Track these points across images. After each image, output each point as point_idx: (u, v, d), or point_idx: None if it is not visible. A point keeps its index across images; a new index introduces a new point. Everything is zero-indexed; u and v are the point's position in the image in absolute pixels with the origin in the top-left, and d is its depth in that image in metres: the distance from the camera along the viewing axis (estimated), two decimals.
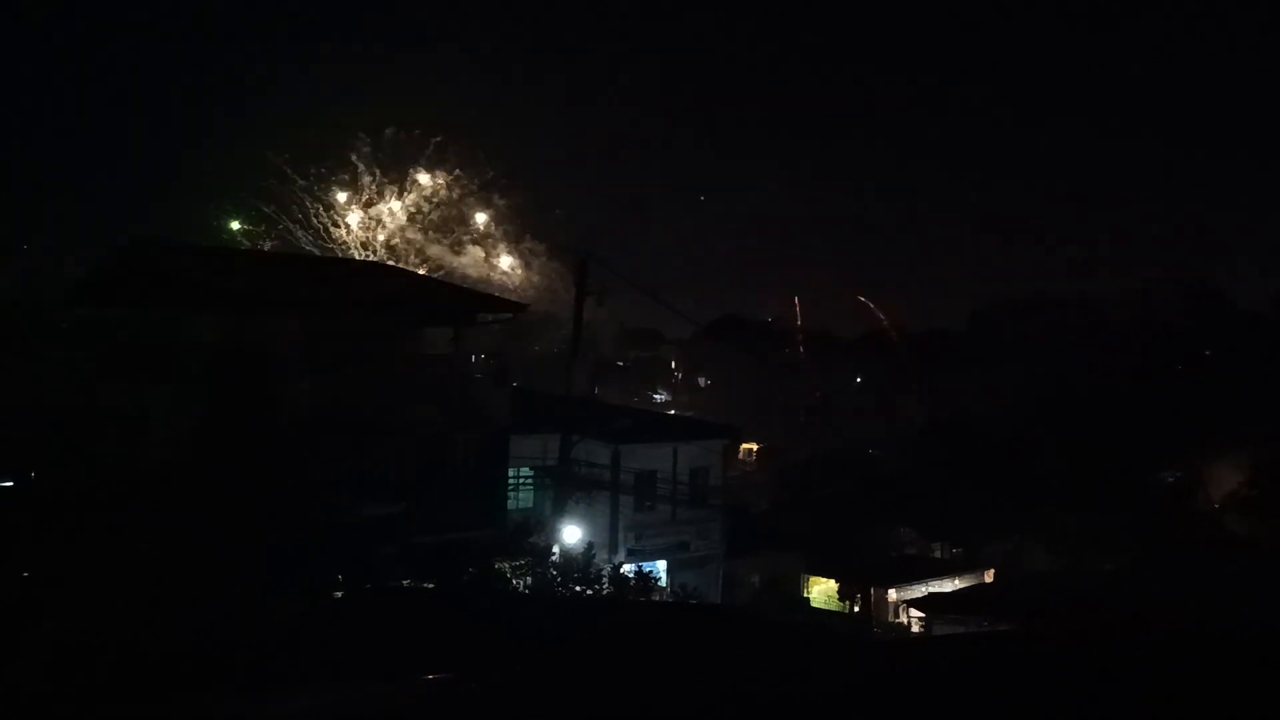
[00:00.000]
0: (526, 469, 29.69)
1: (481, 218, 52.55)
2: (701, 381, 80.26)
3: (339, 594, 18.53)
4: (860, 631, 33.48)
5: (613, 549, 31.18)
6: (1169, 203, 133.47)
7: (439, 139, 51.58)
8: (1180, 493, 42.77)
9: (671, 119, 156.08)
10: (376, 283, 30.56)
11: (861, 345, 76.49)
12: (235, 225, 48.14)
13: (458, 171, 51.84)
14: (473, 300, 31.28)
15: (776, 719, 6.80)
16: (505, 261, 52.85)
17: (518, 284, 51.77)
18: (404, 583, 20.18)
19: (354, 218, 49.69)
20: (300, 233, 47.82)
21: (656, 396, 73.15)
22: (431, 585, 20.12)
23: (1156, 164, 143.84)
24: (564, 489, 28.61)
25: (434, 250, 50.90)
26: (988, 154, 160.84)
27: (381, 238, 50.12)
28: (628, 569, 26.24)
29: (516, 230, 53.26)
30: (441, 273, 48.79)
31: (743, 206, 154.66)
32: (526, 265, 52.83)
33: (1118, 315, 61.00)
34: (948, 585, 37.74)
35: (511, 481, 29.35)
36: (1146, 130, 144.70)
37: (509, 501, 28.96)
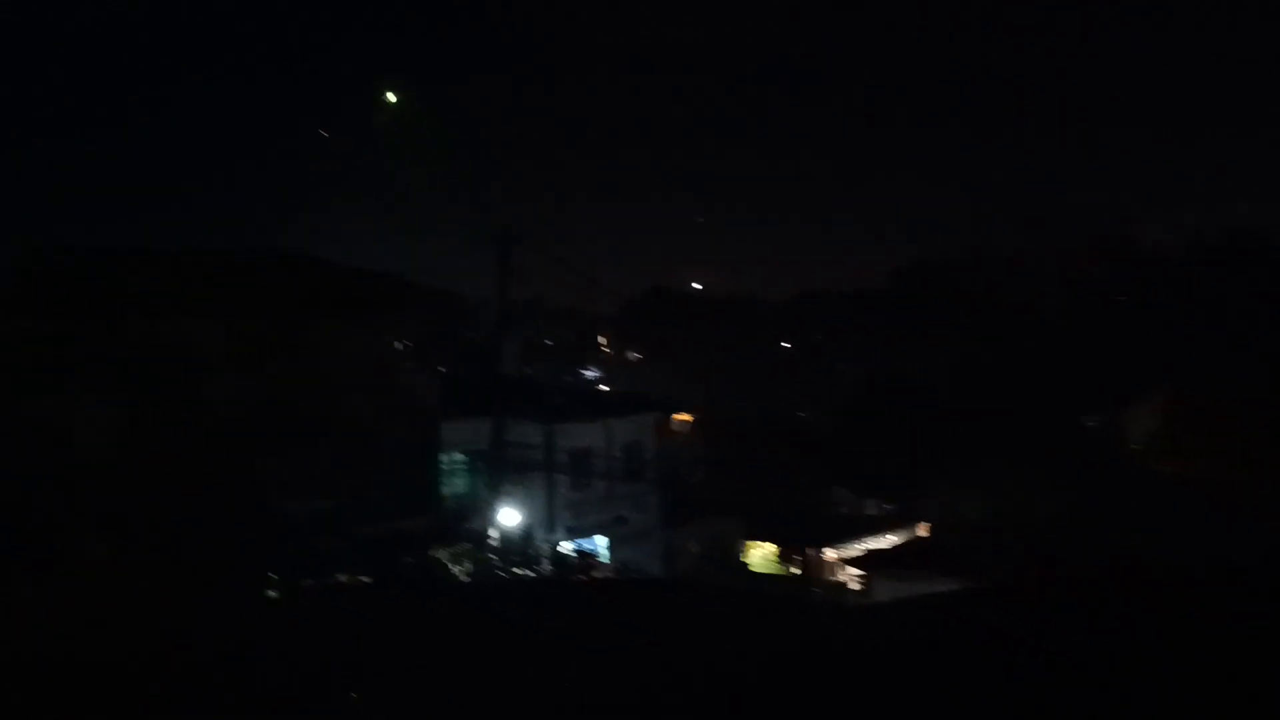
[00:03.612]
0: (460, 454, 29.45)
1: None
2: (632, 356, 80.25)
3: (277, 592, 18.20)
4: (802, 593, 33.95)
5: (551, 529, 31.10)
6: (1080, 152, 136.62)
7: None
8: (1103, 437, 44.02)
9: (588, 94, 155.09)
10: (298, 278, 29.89)
11: (790, 309, 77.14)
12: None
13: None
14: (397, 289, 30.78)
15: (719, 688, 6.80)
16: None
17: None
18: (342, 577, 19.88)
19: None
20: None
21: (588, 373, 72.96)
22: (370, 578, 19.86)
23: (1065, 114, 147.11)
24: (498, 472, 28.40)
25: None
26: (901, 113, 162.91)
27: None
28: (567, 547, 26.22)
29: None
30: None
31: (662, 178, 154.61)
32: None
33: (1037, 269, 62.38)
34: (884, 542, 38.42)
35: (445, 468, 29.09)
36: (1055, 83, 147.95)
37: (444, 488, 28.70)
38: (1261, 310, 45.93)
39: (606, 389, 63.43)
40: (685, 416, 59.64)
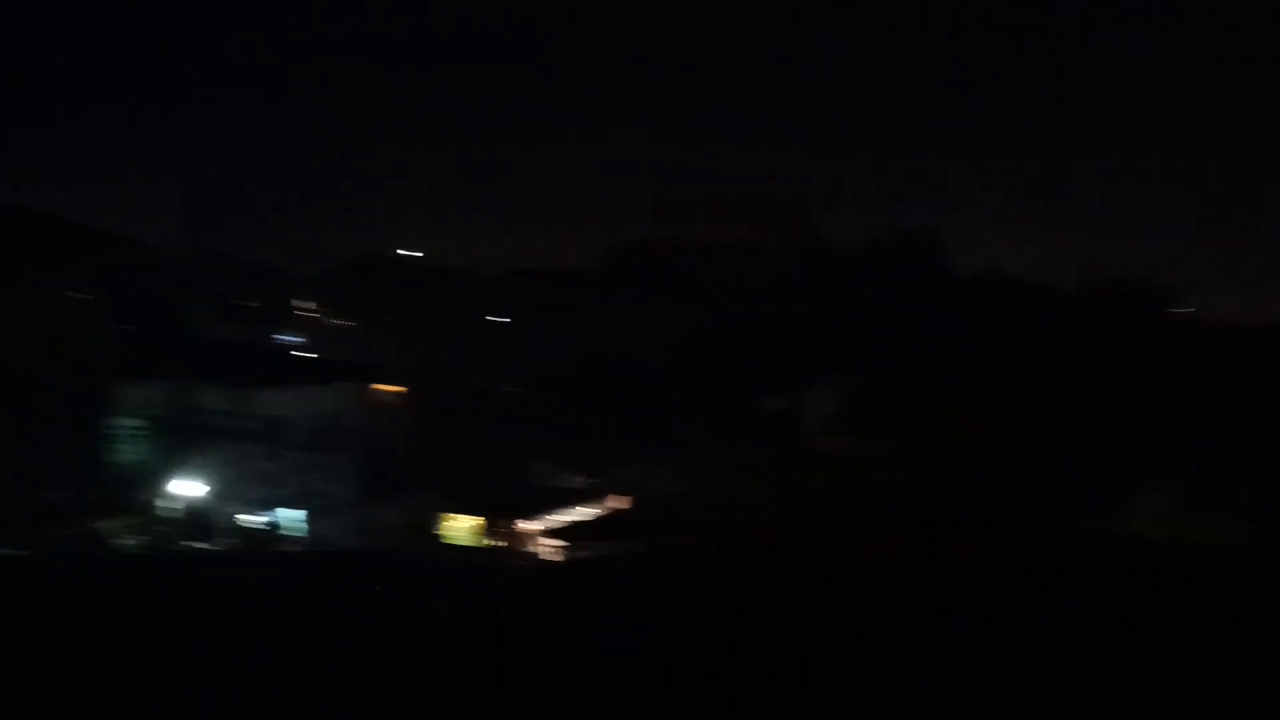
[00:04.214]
0: (138, 419, 27.22)
1: None
2: (342, 322, 77.21)
3: None
4: (496, 562, 34.25)
5: (241, 501, 29.48)
6: (781, 149, 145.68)
7: None
8: (785, 418, 47.63)
9: (306, 55, 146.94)
10: None
11: (504, 283, 77.13)
12: None
13: None
14: (66, 232, 27.87)
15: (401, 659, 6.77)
16: None
17: None
18: None
19: None
20: None
21: (290, 338, 69.47)
22: (21, 550, 17.93)
23: (770, 109, 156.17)
24: (182, 440, 26.52)
25: None
26: (612, 100, 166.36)
27: None
28: (257, 520, 24.99)
29: None
30: None
31: (383, 143, 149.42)
32: None
33: (738, 257, 66.22)
34: (587, 513, 39.46)
35: (119, 433, 26.82)
36: (761, 79, 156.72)
37: (117, 455, 26.46)
38: (925, 307, 51.46)
39: (311, 355, 60.79)
40: (394, 387, 58.25)
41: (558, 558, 35.52)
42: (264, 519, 26.21)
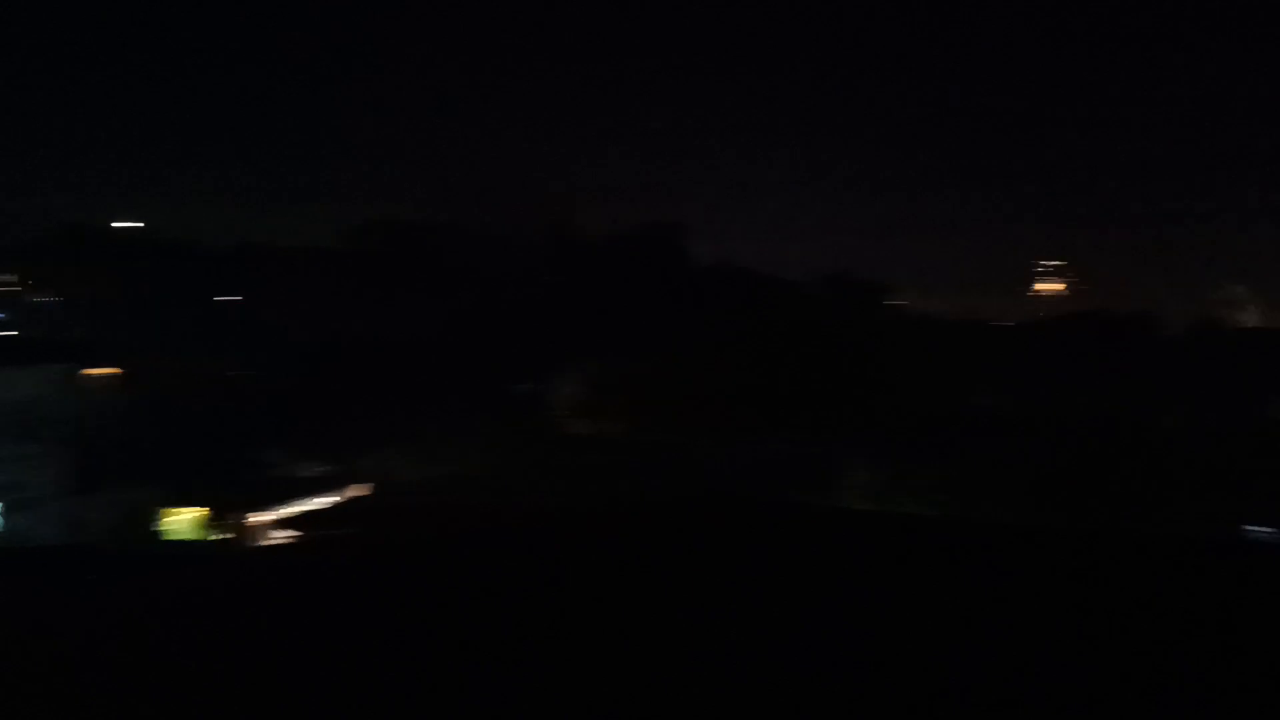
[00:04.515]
0: None
1: None
2: (47, 298, 70.23)
3: None
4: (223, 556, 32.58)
5: None
6: (534, 137, 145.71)
7: None
8: (532, 403, 48.05)
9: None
10: None
11: (237, 258, 72.55)
12: None
13: None
14: None
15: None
16: None
17: None
18: None
19: None
20: None
21: None
22: None
23: (526, 96, 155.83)
24: None
25: None
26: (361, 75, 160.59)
27: None
28: None
29: None
30: None
31: (97, 102, 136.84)
32: None
33: (487, 243, 65.72)
34: (324, 502, 38.27)
35: None
36: (518, 64, 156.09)
37: None
38: (666, 296, 53.40)
39: (10, 334, 55.09)
40: (107, 369, 53.79)
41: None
42: None
